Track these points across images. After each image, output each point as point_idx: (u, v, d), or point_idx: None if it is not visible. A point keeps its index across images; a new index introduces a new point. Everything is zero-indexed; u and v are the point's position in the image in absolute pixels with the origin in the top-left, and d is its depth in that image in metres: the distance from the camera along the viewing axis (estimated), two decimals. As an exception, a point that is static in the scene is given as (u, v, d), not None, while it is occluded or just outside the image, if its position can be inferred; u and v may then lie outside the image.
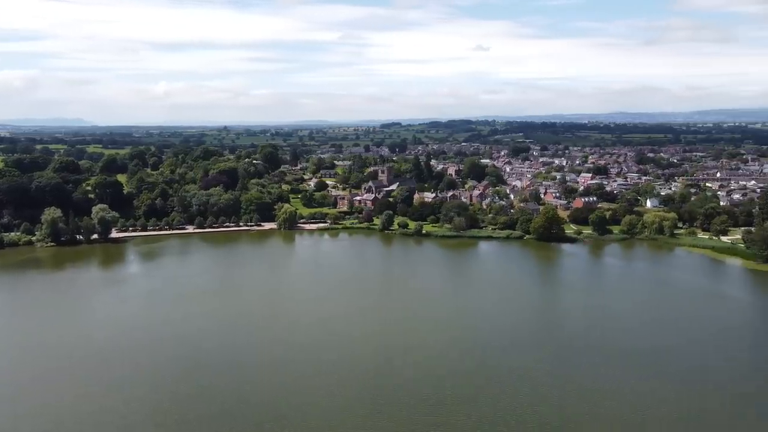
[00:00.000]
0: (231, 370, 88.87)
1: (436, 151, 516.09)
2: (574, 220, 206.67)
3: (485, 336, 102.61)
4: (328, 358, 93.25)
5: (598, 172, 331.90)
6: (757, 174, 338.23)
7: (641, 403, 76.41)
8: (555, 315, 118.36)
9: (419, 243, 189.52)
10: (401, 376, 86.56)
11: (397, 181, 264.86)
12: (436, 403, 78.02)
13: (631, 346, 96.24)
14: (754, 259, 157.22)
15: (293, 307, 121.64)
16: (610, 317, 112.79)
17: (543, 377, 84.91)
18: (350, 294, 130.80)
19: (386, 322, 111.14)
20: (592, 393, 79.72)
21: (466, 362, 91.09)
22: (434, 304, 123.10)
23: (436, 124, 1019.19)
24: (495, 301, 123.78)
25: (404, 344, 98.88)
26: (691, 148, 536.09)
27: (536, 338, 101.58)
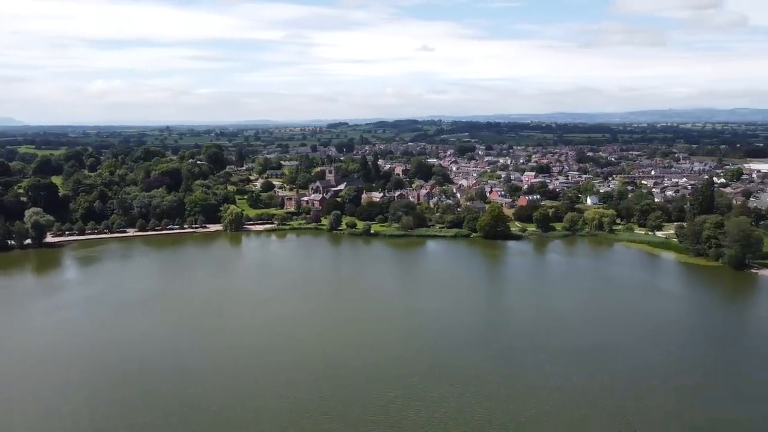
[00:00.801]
0: (174, 374, 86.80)
1: (383, 150, 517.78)
2: (519, 217, 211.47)
3: (435, 336, 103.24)
4: (277, 360, 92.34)
5: (541, 171, 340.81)
6: (687, 172, 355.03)
7: (585, 400, 78.19)
8: (502, 314, 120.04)
9: (368, 243, 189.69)
10: (352, 376, 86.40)
11: (344, 181, 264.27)
12: (386, 403, 78.27)
13: (574, 344, 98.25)
14: (686, 253, 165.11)
15: (241, 310, 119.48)
16: (555, 316, 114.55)
17: (491, 376, 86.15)
18: (299, 295, 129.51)
19: (336, 323, 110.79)
20: (538, 391, 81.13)
21: (416, 362, 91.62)
22: (384, 305, 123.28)
23: (382, 124, 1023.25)
24: (444, 301, 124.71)
25: (355, 345, 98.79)
26: (628, 147, 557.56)
27: (484, 337, 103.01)
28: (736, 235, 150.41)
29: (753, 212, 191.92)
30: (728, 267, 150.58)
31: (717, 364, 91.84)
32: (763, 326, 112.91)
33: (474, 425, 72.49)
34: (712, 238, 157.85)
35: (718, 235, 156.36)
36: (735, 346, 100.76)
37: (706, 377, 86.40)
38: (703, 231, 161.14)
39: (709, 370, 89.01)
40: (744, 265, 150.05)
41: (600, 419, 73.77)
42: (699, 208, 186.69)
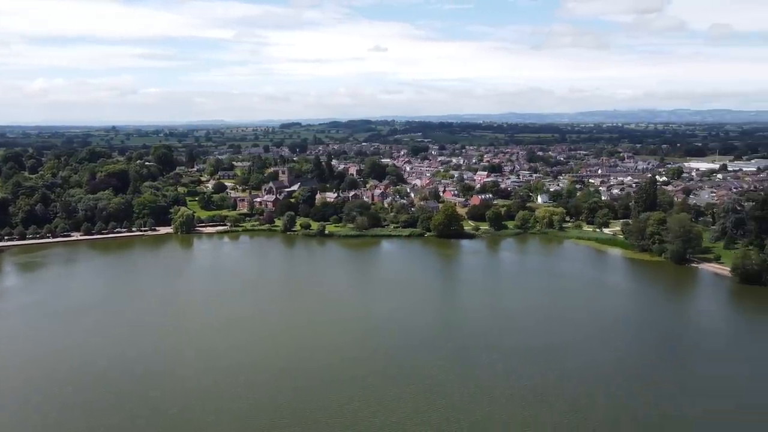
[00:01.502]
0: (129, 379, 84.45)
1: (336, 151, 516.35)
2: (472, 216, 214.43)
3: (390, 336, 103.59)
4: (234, 362, 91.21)
5: (493, 171, 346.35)
6: (632, 170, 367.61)
7: (537, 398, 79.35)
8: (457, 314, 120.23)
9: (322, 243, 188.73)
10: (308, 378, 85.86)
11: (298, 182, 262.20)
12: (343, 404, 78.17)
13: (527, 343, 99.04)
14: (631, 249, 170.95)
15: (195, 314, 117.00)
16: (508, 316, 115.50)
17: (446, 375, 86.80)
18: (254, 298, 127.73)
19: (292, 325, 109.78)
20: (492, 390, 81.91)
21: (372, 363, 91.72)
22: (340, 306, 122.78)
23: (336, 124, 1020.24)
24: (399, 301, 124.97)
25: (311, 347, 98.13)
26: (576, 147, 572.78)
27: (439, 337, 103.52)
28: (677, 231, 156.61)
29: (693, 209, 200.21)
30: (670, 262, 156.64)
31: (663, 359, 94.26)
32: (703, 320, 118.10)
33: (431, 424, 73.03)
34: (655, 235, 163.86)
35: (661, 232, 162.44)
36: (679, 341, 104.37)
37: (653, 373, 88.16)
38: (647, 228, 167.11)
39: (656, 366, 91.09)
40: (685, 260, 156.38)
41: (551, 417, 74.82)
42: (643, 205, 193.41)
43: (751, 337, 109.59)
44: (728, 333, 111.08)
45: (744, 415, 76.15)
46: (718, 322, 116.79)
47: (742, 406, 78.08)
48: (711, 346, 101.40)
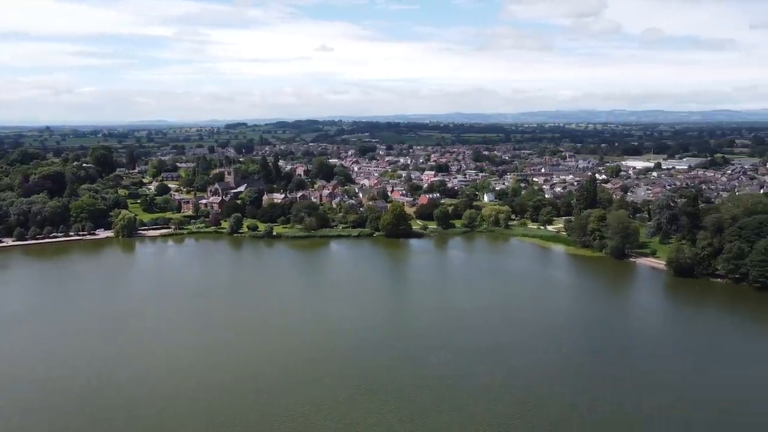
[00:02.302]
0: (69, 393, 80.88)
1: (283, 151, 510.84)
2: (420, 215, 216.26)
3: (344, 338, 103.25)
4: (185, 367, 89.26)
5: (440, 170, 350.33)
6: (573, 169, 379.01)
7: (485, 397, 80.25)
8: (408, 314, 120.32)
9: (270, 245, 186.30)
10: (262, 381, 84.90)
11: (244, 183, 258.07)
12: (298, 407, 77.56)
13: (476, 343, 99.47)
14: (574, 245, 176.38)
15: (137, 321, 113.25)
16: (458, 316, 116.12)
17: (398, 375, 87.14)
18: (201, 303, 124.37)
19: (243, 330, 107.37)
20: (443, 388, 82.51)
21: (328, 365, 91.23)
22: (291, 308, 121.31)
23: (283, 125, 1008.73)
24: (351, 302, 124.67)
25: (264, 351, 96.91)
26: (520, 147, 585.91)
27: (391, 338, 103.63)
28: (616, 227, 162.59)
29: (630, 206, 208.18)
30: (610, 257, 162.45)
31: (607, 355, 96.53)
32: (643, 314, 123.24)
33: (384, 425, 73.21)
34: (596, 231, 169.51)
35: (601, 228, 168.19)
36: (621, 336, 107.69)
37: (598, 369, 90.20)
38: (588, 224, 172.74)
39: (601, 362, 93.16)
40: (624, 255, 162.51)
41: (501, 415, 75.81)
42: (584, 203, 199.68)
43: (686, 327, 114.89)
44: (666, 325, 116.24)
45: (685, 407, 79.52)
46: (656, 315, 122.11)
47: (683, 400, 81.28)
48: (651, 340, 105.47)
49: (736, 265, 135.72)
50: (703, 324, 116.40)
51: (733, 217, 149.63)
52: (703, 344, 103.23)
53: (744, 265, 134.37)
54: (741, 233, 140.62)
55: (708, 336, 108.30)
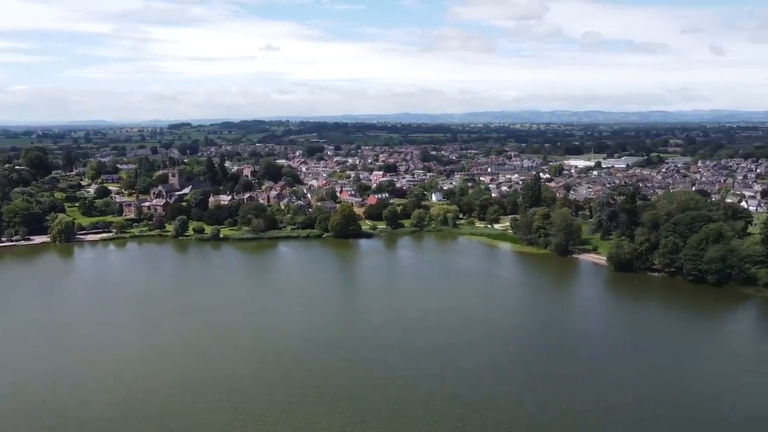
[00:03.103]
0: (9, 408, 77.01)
1: (230, 152, 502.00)
2: (370, 216, 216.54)
3: (295, 340, 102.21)
4: (130, 375, 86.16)
5: (388, 170, 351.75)
6: (519, 168, 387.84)
7: (436, 397, 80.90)
8: (358, 315, 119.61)
9: (217, 248, 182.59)
10: (213, 384, 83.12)
11: (189, 185, 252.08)
12: (249, 410, 76.44)
13: (425, 344, 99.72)
14: (520, 243, 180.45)
15: (76, 329, 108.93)
16: (408, 316, 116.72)
17: (350, 376, 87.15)
18: (144, 310, 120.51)
19: (191, 335, 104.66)
20: (393, 390, 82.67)
21: (270, 369, 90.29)
22: (237, 312, 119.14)
23: (228, 125, 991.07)
24: (301, 305, 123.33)
25: (206, 357, 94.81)
26: (467, 147, 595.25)
27: (342, 340, 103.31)
28: (560, 225, 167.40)
29: (573, 204, 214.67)
30: (555, 254, 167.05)
31: (556, 353, 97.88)
32: (589, 310, 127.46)
33: (335, 428, 73.01)
34: (540, 229, 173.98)
35: (546, 226, 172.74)
36: (569, 333, 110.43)
37: (546, 368, 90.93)
38: (533, 222, 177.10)
39: (549, 360, 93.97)
40: (567, 251, 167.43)
41: (448, 416, 76.30)
42: (529, 201, 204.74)
43: (629, 322, 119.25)
44: (610, 321, 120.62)
45: (636, 402, 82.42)
46: (600, 311, 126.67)
47: (634, 396, 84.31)
48: (597, 336, 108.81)
49: (671, 259, 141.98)
50: (645, 318, 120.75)
51: (668, 213, 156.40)
52: (646, 339, 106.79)
53: (678, 260, 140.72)
54: (675, 229, 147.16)
55: (651, 330, 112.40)
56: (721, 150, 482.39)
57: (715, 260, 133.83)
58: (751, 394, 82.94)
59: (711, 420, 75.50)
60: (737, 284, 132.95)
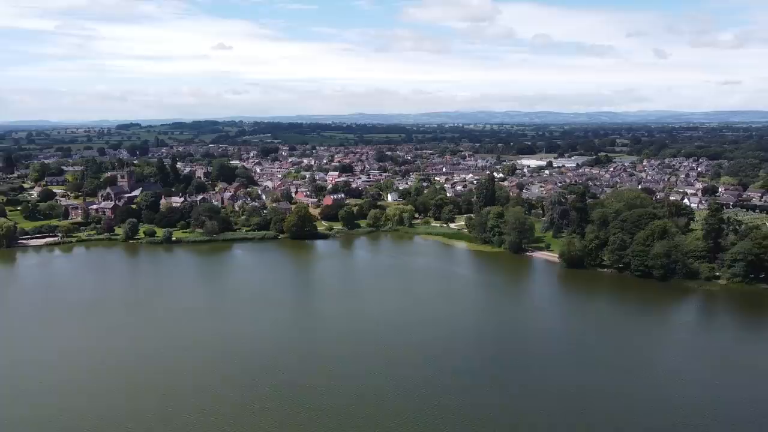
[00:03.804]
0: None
1: (181, 153, 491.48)
2: (325, 216, 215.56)
3: (247, 346, 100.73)
4: (73, 389, 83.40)
5: (344, 171, 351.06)
6: (473, 168, 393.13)
7: (381, 396, 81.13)
8: (315, 320, 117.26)
9: (169, 251, 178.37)
10: (154, 396, 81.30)
11: (140, 186, 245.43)
12: (196, 420, 74.74)
13: (378, 348, 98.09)
14: (475, 241, 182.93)
15: (18, 341, 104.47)
16: (365, 318, 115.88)
17: (302, 380, 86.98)
18: (92, 319, 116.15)
19: (135, 345, 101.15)
20: (344, 391, 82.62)
21: (224, 377, 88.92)
22: (187, 319, 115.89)
23: (180, 125, 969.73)
24: (255, 310, 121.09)
25: (155, 367, 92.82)
26: (422, 147, 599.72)
27: (297, 346, 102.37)
28: (513, 223, 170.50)
29: (526, 202, 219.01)
30: (509, 252, 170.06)
31: (507, 357, 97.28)
32: (540, 306, 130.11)
33: (292, 427, 72.35)
34: (495, 227, 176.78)
35: (500, 224, 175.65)
36: (522, 335, 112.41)
37: (498, 374, 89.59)
38: (487, 221, 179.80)
39: (500, 365, 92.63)
40: (521, 249, 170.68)
41: (393, 417, 76.08)
42: (483, 200, 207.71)
43: (581, 320, 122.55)
44: (563, 319, 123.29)
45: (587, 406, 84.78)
46: (554, 309, 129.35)
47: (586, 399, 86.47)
48: (550, 338, 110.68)
49: (619, 255, 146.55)
50: (595, 314, 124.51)
51: (616, 211, 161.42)
52: (596, 334, 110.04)
53: (626, 256, 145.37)
54: (623, 226, 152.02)
55: (600, 326, 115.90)
56: (665, 149, 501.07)
57: (661, 256, 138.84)
58: (690, 381, 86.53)
59: (656, 408, 78.28)
60: (681, 278, 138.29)
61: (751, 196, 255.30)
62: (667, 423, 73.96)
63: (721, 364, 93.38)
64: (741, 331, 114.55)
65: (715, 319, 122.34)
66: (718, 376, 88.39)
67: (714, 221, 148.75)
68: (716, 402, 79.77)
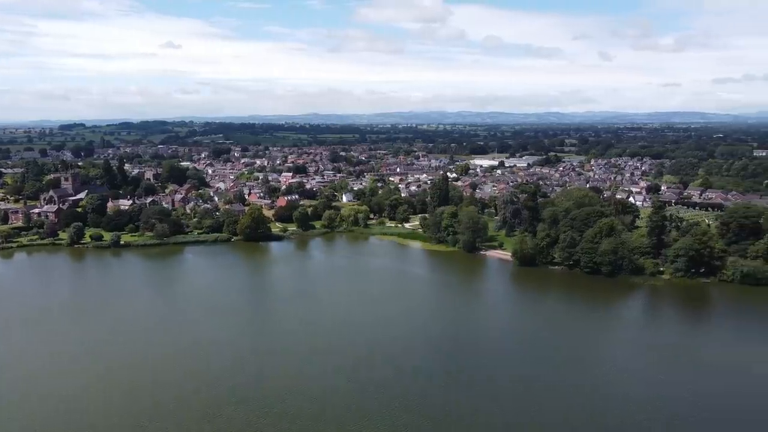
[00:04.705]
0: None
1: (129, 154, 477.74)
2: (280, 218, 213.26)
3: (198, 357, 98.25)
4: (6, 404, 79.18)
5: (297, 171, 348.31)
6: (427, 168, 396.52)
7: (342, 398, 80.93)
8: (267, 325, 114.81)
9: (118, 255, 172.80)
10: (99, 415, 78.38)
11: (85, 189, 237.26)
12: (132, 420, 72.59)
13: (328, 354, 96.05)
14: (429, 241, 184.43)
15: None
16: (319, 322, 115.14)
17: (249, 384, 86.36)
18: (34, 331, 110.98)
19: (83, 360, 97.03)
20: (295, 393, 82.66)
21: (168, 388, 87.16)
22: (137, 327, 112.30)
23: (127, 125, 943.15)
24: (206, 315, 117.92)
25: (98, 381, 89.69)
26: (376, 147, 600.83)
27: (249, 351, 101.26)
28: (467, 223, 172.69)
29: (479, 202, 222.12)
30: (463, 251, 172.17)
31: (462, 352, 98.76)
32: (496, 307, 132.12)
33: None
34: (449, 227, 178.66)
35: (454, 224, 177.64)
36: (476, 334, 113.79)
37: (455, 370, 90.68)
38: (442, 221, 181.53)
39: (453, 367, 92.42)
40: (475, 248, 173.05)
41: (341, 418, 76.67)
42: (437, 200, 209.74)
43: (534, 318, 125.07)
44: (516, 318, 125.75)
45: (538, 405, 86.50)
46: (507, 308, 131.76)
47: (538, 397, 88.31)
48: (504, 336, 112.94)
49: (569, 253, 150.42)
50: (546, 311, 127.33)
51: (566, 210, 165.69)
52: (552, 334, 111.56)
53: (576, 253, 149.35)
54: (573, 224, 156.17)
55: (551, 323, 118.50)
56: (611, 149, 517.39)
57: (608, 253, 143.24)
58: (637, 379, 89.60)
59: (607, 406, 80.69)
60: (627, 274, 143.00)
61: (692, 194, 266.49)
62: (615, 420, 75.70)
63: (665, 359, 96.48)
64: (684, 325, 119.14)
65: (660, 314, 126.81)
66: (663, 370, 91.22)
67: (657, 219, 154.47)
68: (661, 398, 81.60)
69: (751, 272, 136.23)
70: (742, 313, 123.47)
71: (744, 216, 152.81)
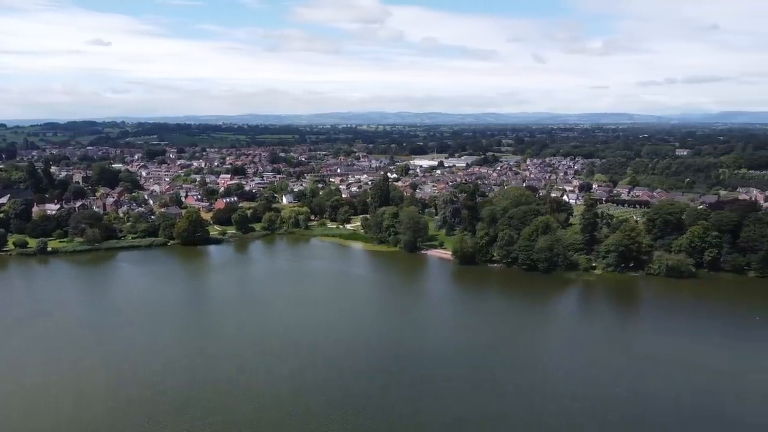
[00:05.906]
0: None
1: (56, 156, 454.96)
2: (218, 221, 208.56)
3: (133, 370, 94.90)
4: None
5: (236, 173, 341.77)
6: (367, 169, 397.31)
7: (287, 402, 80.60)
8: (207, 334, 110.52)
9: (44, 263, 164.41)
10: (25, 422, 74.64)
11: (7, 193, 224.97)
12: None
13: (273, 365, 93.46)
14: (371, 242, 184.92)
15: None
16: (262, 330, 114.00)
17: (189, 391, 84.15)
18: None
19: (8, 380, 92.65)
20: (239, 399, 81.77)
21: (101, 405, 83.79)
22: (66, 341, 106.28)
23: (53, 126, 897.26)
24: (142, 325, 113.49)
25: (24, 402, 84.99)
26: (315, 148, 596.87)
27: (188, 358, 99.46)
28: (408, 223, 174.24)
29: (419, 202, 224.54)
30: (404, 251, 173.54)
31: (404, 353, 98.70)
32: (434, 300, 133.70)
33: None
34: (390, 227, 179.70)
35: (395, 224, 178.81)
36: (418, 334, 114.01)
37: (397, 371, 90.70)
38: (383, 221, 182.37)
39: (400, 362, 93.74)
40: (416, 248, 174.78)
41: (301, 424, 76.83)
42: (378, 201, 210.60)
43: (474, 317, 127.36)
44: (457, 318, 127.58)
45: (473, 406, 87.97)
46: (446, 308, 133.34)
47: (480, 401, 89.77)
48: (444, 335, 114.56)
49: (507, 251, 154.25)
50: (488, 312, 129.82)
51: (504, 208, 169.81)
52: (493, 333, 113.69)
53: (514, 251, 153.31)
54: (510, 222, 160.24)
55: (491, 319, 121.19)
56: (546, 149, 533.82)
57: (544, 250, 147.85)
58: (574, 377, 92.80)
59: (546, 406, 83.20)
60: (563, 270, 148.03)
61: (621, 192, 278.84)
62: (561, 422, 76.73)
63: (599, 355, 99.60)
64: (616, 320, 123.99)
65: (594, 309, 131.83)
66: (598, 367, 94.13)
67: (590, 216, 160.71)
68: (596, 396, 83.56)
69: (675, 266, 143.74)
70: (667, 305, 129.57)
71: (668, 212, 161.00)
